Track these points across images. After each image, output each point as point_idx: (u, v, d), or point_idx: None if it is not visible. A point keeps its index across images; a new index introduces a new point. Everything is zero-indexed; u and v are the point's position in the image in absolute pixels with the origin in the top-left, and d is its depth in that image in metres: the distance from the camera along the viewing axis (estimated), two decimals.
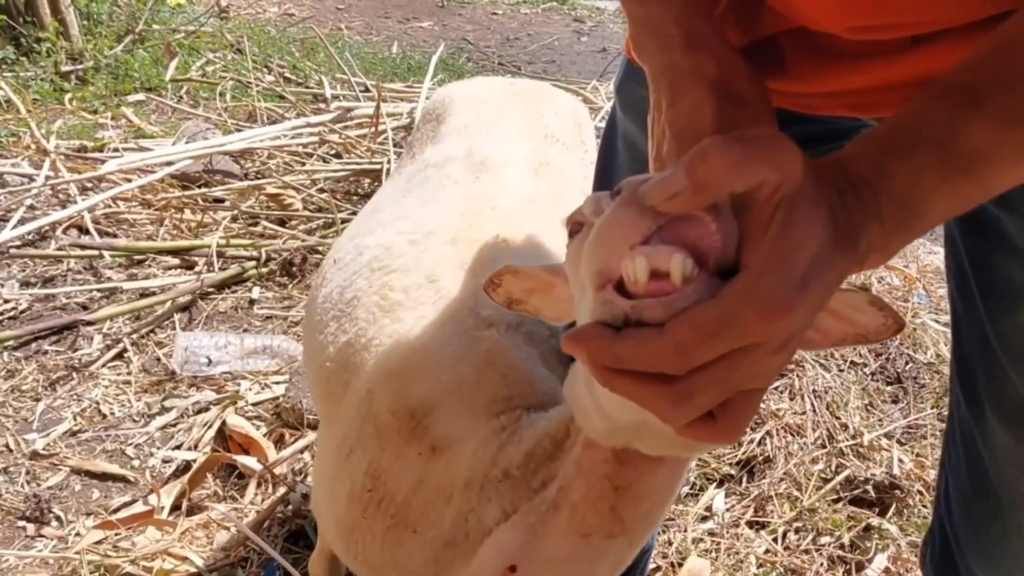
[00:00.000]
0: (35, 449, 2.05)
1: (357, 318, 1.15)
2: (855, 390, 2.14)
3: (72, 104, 3.80)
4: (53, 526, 1.87)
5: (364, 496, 0.99)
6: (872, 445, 1.97)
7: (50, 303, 2.57)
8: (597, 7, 7.36)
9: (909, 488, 1.88)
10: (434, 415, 0.96)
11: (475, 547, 0.91)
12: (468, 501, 0.92)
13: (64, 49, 4.10)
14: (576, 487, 0.81)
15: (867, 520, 1.80)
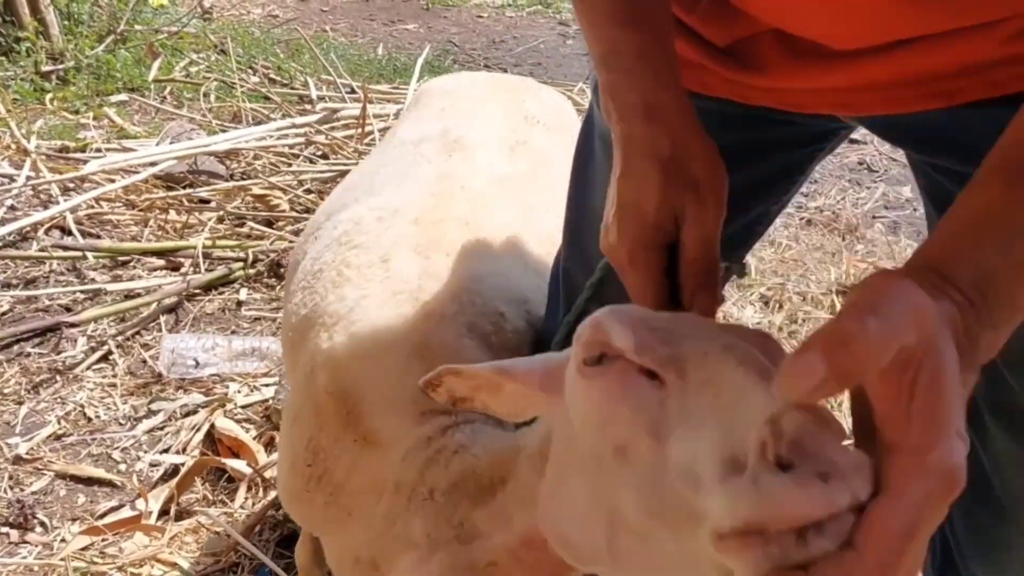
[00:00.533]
0: (18, 453, 2.01)
1: (315, 291, 1.14)
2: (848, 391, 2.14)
3: (53, 104, 3.75)
4: (37, 532, 1.83)
5: (305, 470, 0.98)
6: None
7: (32, 305, 2.52)
8: None
9: None
10: (364, 404, 0.95)
11: (400, 554, 0.88)
12: (396, 506, 0.90)
13: (44, 49, 4.04)
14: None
15: None
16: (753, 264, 2.80)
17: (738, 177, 0.91)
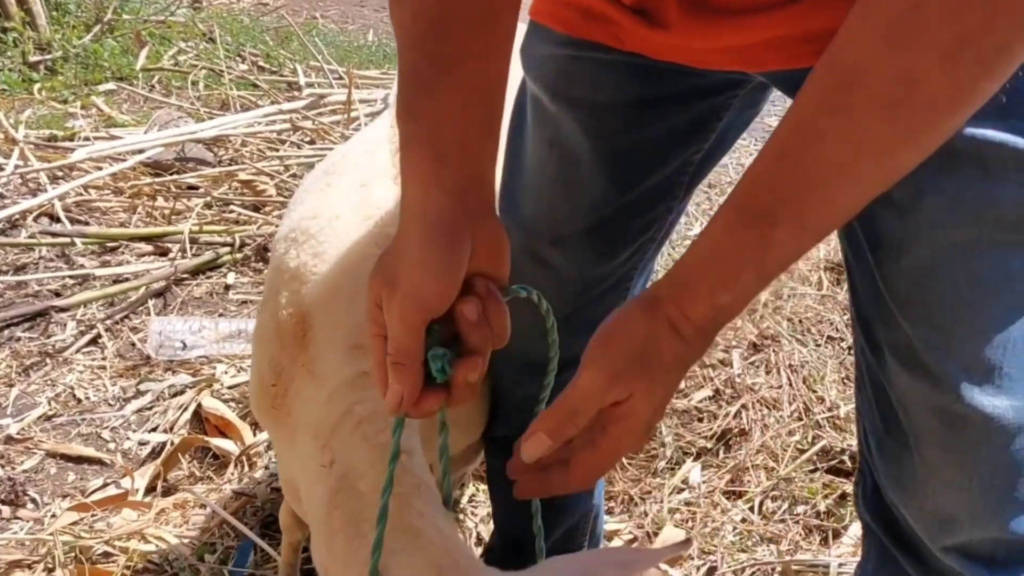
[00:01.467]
0: (9, 434, 2.06)
1: (295, 209, 1.17)
2: (832, 364, 2.18)
3: (41, 94, 3.79)
4: (28, 508, 1.89)
5: (270, 389, 1.02)
6: (848, 417, 2.00)
7: (22, 290, 2.57)
8: None
9: None
10: (313, 329, 0.97)
11: (311, 508, 0.93)
12: (317, 449, 0.92)
13: (32, 39, 4.08)
14: None
15: (843, 488, 1.84)
16: None
17: (657, 128, 0.96)
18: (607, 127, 1.01)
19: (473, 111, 0.74)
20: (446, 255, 0.74)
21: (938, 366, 0.85)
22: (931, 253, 0.84)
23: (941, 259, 0.83)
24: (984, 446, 0.86)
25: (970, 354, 0.84)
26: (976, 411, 0.84)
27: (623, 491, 1.86)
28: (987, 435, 0.86)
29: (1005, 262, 0.82)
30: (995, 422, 0.84)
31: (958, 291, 0.83)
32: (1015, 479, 0.88)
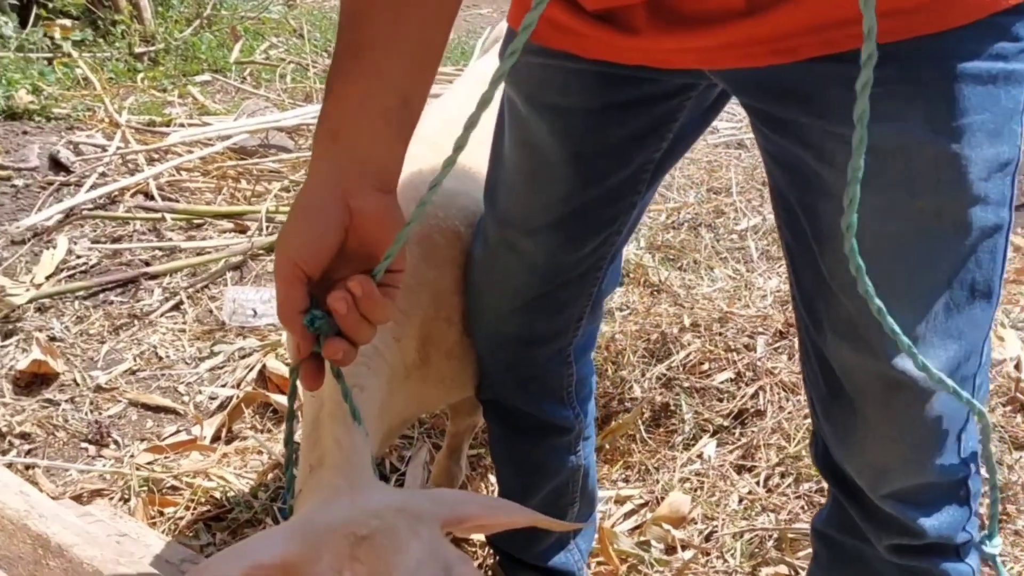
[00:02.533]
0: (98, 383, 2.34)
1: None
2: None
3: (143, 83, 4.14)
4: (111, 448, 2.15)
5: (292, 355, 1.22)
6: None
7: (117, 259, 2.87)
8: None
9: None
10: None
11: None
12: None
13: (138, 32, 4.45)
14: None
15: None
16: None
17: (619, 131, 1.11)
18: (573, 130, 1.13)
19: (372, 99, 0.85)
20: (314, 223, 0.85)
21: (874, 339, 0.98)
22: (867, 242, 0.98)
23: (876, 247, 0.95)
24: (912, 405, 1.00)
25: (900, 327, 0.98)
26: (906, 375, 0.98)
27: (640, 461, 2.02)
28: (914, 395, 0.99)
29: (930, 247, 0.95)
30: (919, 384, 0.98)
31: (891, 274, 0.96)
32: (935, 431, 1.02)
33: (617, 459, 2.06)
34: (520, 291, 1.26)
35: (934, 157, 0.90)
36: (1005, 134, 0.90)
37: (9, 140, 3.51)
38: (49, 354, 2.37)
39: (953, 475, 1.06)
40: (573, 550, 1.57)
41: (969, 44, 0.86)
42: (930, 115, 0.88)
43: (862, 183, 0.89)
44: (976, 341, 1.00)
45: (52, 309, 2.61)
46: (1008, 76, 0.88)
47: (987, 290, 0.97)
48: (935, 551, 1.10)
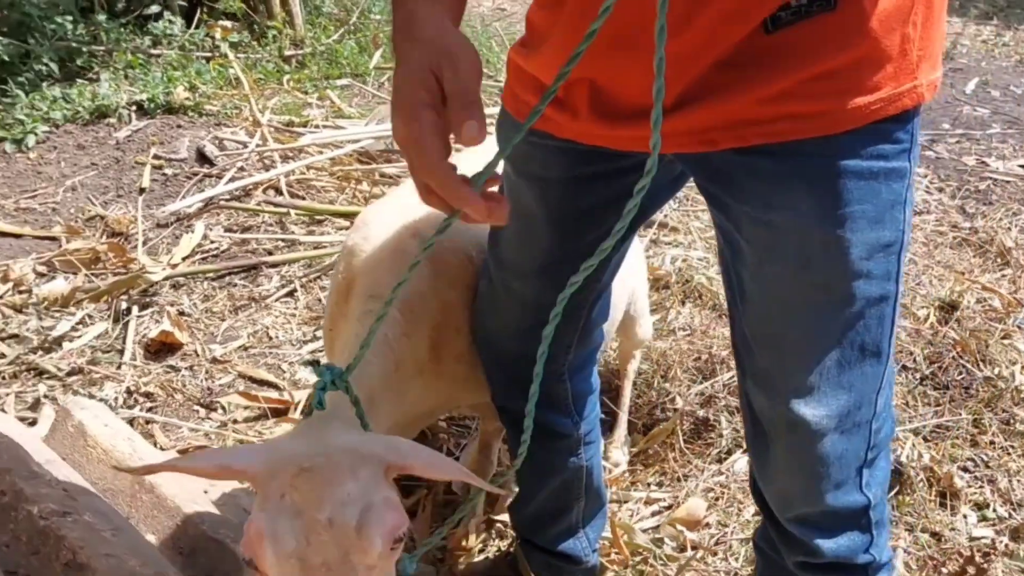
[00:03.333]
0: (215, 356, 2.70)
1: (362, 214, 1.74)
2: (898, 390, 2.39)
3: (288, 85, 4.56)
4: (218, 412, 2.50)
5: (329, 333, 1.49)
6: (896, 437, 2.22)
7: (244, 246, 3.26)
8: None
9: (913, 477, 2.14)
10: (355, 287, 1.43)
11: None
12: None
13: (288, 36, 4.89)
14: None
15: None
16: None
17: (591, 198, 1.30)
18: (552, 196, 1.32)
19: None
20: (426, 80, 0.94)
21: (779, 387, 1.20)
22: (772, 308, 1.19)
23: (777, 310, 1.18)
24: (808, 444, 1.20)
25: (799, 379, 1.18)
26: (802, 419, 1.18)
27: (674, 469, 2.20)
28: (809, 436, 1.19)
29: (821, 313, 1.15)
30: (813, 426, 1.18)
31: (788, 333, 1.18)
32: (828, 467, 1.21)
33: (653, 464, 2.25)
34: (514, 321, 1.48)
35: (822, 240, 1.09)
36: (887, 220, 1.09)
37: (165, 132, 3.99)
38: (177, 326, 2.75)
39: (851, 506, 1.24)
40: (581, 537, 1.78)
41: (854, 146, 1.05)
42: (818, 204, 1.07)
43: (771, 251, 1.09)
44: (867, 393, 1.19)
45: (184, 287, 3.01)
46: (888, 172, 1.07)
47: (876, 350, 1.16)
48: (837, 569, 1.28)
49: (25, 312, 2.87)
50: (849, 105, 1.03)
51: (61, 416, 1.94)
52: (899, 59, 1.04)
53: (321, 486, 0.93)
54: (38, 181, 3.68)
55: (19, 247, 3.26)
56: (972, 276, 3.12)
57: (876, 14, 1.01)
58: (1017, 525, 2.12)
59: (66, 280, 3.01)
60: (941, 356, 2.56)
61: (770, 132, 1.06)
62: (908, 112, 1.07)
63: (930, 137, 4.72)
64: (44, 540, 1.33)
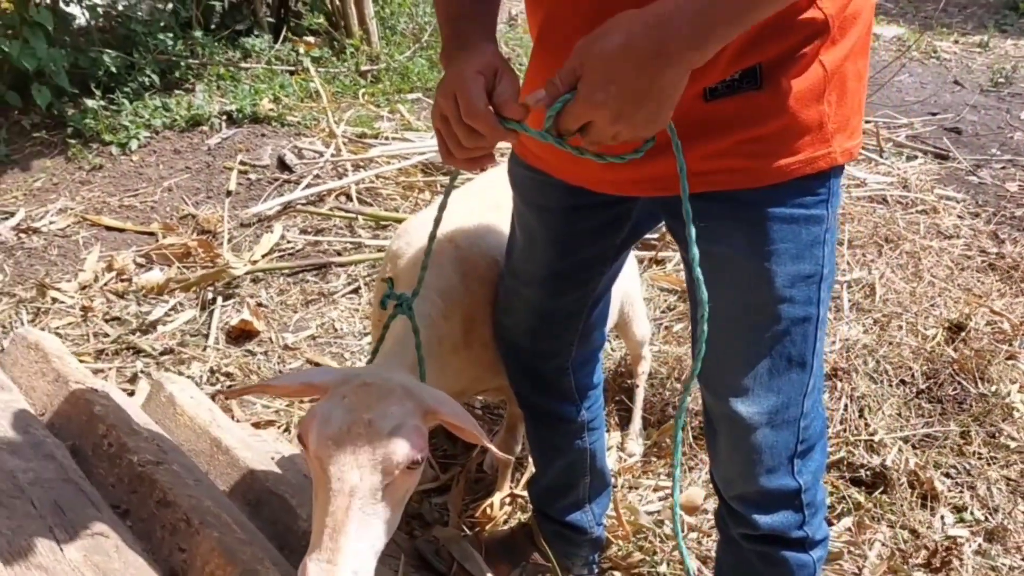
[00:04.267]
0: (287, 343, 3.11)
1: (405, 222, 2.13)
2: (892, 402, 2.66)
3: (363, 98, 4.98)
4: None
5: (375, 328, 1.86)
6: (883, 442, 2.50)
7: (316, 247, 3.67)
8: (873, 33, 7.63)
9: (896, 479, 2.41)
10: (398, 285, 1.78)
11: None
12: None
13: (365, 53, 5.31)
14: None
15: (847, 492, 2.38)
16: (881, 293, 3.30)
17: (585, 224, 1.60)
18: (551, 221, 1.61)
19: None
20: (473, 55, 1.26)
21: (720, 387, 1.49)
22: (719, 321, 1.43)
23: (723, 326, 1.43)
24: (744, 436, 1.49)
25: (736, 382, 1.47)
26: (739, 415, 1.47)
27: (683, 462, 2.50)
28: (745, 429, 1.48)
29: (755, 329, 1.43)
30: (747, 421, 1.46)
31: (731, 344, 1.46)
32: (761, 455, 1.49)
33: (665, 456, 2.57)
34: (525, 322, 1.82)
35: (752, 270, 1.39)
36: (806, 257, 1.38)
37: (250, 141, 4.44)
38: (255, 316, 3.17)
39: (783, 489, 1.51)
40: (587, 511, 2.11)
41: (779, 196, 1.35)
42: (750, 242, 1.37)
43: (716, 276, 1.40)
44: (794, 396, 1.46)
45: (263, 281, 3.43)
46: (808, 218, 1.36)
47: (801, 361, 1.44)
48: (774, 542, 1.56)
49: (126, 298, 3.32)
50: (774, 164, 1.33)
51: (155, 388, 2.35)
52: (816, 130, 1.33)
53: (374, 397, 1.27)
54: (139, 181, 4.17)
55: (122, 240, 3.74)
56: (989, 300, 3.35)
57: (793, 94, 1.30)
58: (992, 528, 2.37)
59: (161, 271, 3.46)
60: (938, 373, 2.81)
61: (712, 182, 1.37)
62: (825, 172, 1.36)
63: (975, 162, 4.88)
64: (141, 482, 1.71)
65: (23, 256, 3.64)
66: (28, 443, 1.76)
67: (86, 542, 1.46)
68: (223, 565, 1.49)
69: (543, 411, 1.97)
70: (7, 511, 1.42)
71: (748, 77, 1.28)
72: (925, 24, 8.17)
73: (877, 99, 5.93)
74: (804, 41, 1.29)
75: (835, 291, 3.34)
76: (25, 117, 4.64)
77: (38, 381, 2.09)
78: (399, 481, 1.28)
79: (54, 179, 4.23)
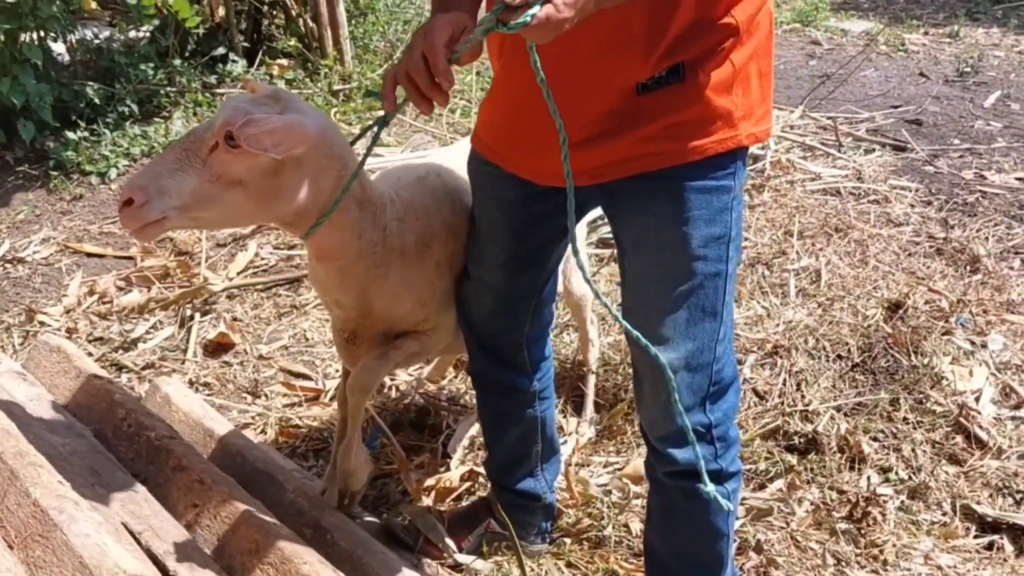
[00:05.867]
0: (261, 353, 3.38)
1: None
2: (829, 375, 2.92)
3: (335, 116, 5.27)
4: (261, 398, 3.17)
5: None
6: (816, 411, 2.76)
7: (289, 262, 3.95)
8: (841, 29, 7.91)
9: (826, 444, 2.68)
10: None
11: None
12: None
13: (338, 72, 5.61)
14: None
15: (782, 458, 2.64)
16: (826, 278, 3.57)
17: (536, 210, 1.88)
18: (507, 210, 1.93)
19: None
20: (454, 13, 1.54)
21: (641, 340, 1.74)
22: (641, 282, 1.78)
23: (647, 280, 1.77)
24: (662, 380, 1.72)
25: (656, 331, 1.74)
26: (659, 361, 1.70)
27: (630, 440, 2.78)
28: (661, 375, 1.71)
29: (675, 283, 1.72)
30: (667, 366, 1.70)
31: (654, 298, 1.76)
32: (679, 395, 1.71)
33: (616, 435, 2.84)
34: (486, 305, 2.12)
35: (672, 234, 1.69)
36: (717, 221, 1.69)
37: None
38: (231, 330, 3.44)
39: (699, 425, 1.76)
40: (540, 478, 2.36)
41: (696, 171, 1.67)
42: (672, 210, 1.68)
43: (640, 244, 1.69)
44: (708, 343, 1.75)
45: (238, 297, 3.71)
46: (718, 188, 1.68)
47: (713, 311, 1.74)
48: (692, 476, 1.78)
49: (108, 319, 3.60)
50: (691, 144, 1.66)
51: (152, 389, 2.69)
52: (726, 117, 1.67)
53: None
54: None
55: (102, 265, 4.02)
56: (930, 281, 3.60)
57: (709, 86, 1.64)
58: (915, 486, 2.63)
59: (141, 292, 3.74)
60: (872, 347, 3.08)
61: (645, 164, 1.69)
62: (733, 151, 1.69)
63: (933, 152, 5.13)
64: (158, 454, 2.06)
65: (8, 285, 3.92)
66: (62, 424, 2.12)
67: (120, 494, 1.84)
68: (234, 514, 1.82)
69: (500, 384, 2.25)
70: (60, 470, 1.77)
71: (673, 73, 1.63)
72: (895, 17, 8.46)
73: (840, 95, 6.21)
74: (719, 42, 1.64)
75: (782, 278, 3.61)
76: (9, 152, 4.93)
77: (61, 379, 2.44)
78: (222, 155, 1.64)
79: (36, 211, 4.52)
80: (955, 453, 2.72)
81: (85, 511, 1.62)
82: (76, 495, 1.67)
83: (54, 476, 1.70)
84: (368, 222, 1.92)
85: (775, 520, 2.49)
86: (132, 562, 1.51)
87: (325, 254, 1.91)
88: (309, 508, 2.05)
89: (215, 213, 1.71)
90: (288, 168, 1.71)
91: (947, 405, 2.84)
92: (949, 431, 2.77)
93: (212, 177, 1.64)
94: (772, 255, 3.78)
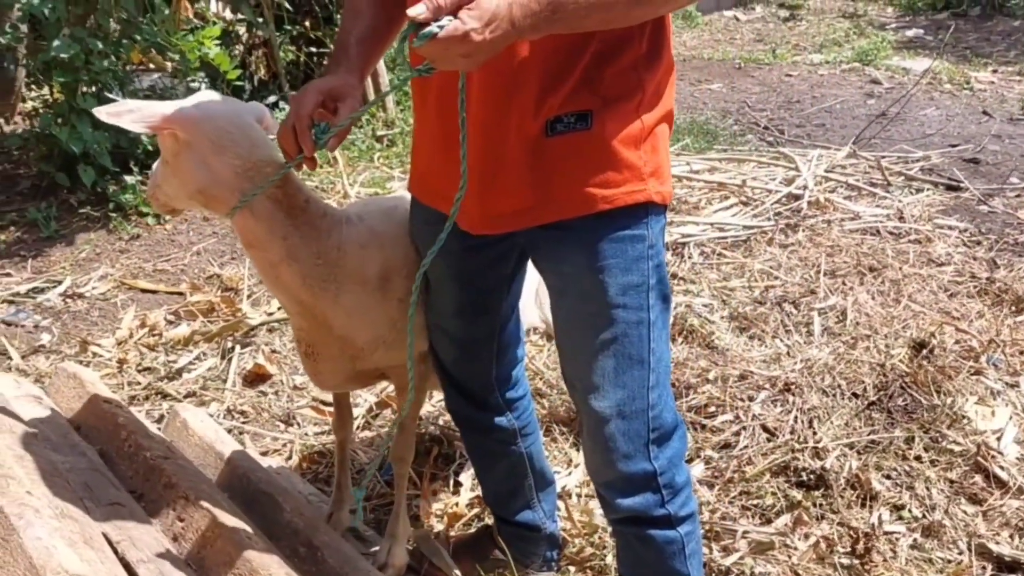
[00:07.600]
0: (295, 384, 3.65)
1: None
2: (841, 413, 3.06)
3: (378, 161, 5.60)
4: (294, 427, 3.44)
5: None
6: (826, 448, 2.91)
7: None
8: (903, 67, 8.02)
9: (836, 481, 2.80)
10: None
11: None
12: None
13: (381, 119, 5.95)
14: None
15: (788, 493, 2.79)
16: (853, 317, 3.71)
17: (477, 260, 1.97)
18: (451, 261, 1.92)
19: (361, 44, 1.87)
20: (330, 78, 1.77)
21: (578, 386, 1.89)
22: (567, 331, 1.89)
23: (572, 331, 1.87)
24: (600, 427, 1.80)
25: (588, 381, 1.85)
26: (593, 409, 1.80)
27: None
28: (599, 421, 1.80)
29: (599, 332, 1.78)
30: (600, 414, 1.79)
31: (581, 347, 1.82)
32: (616, 443, 1.81)
33: None
34: (448, 351, 2.20)
35: (590, 283, 1.77)
36: (634, 269, 1.76)
37: None
38: (268, 361, 3.73)
39: (640, 473, 1.82)
40: (537, 509, 2.52)
41: (609, 220, 1.75)
42: (587, 259, 1.76)
43: (564, 293, 1.87)
44: (638, 390, 1.80)
45: (277, 330, 4.01)
46: (632, 237, 1.77)
47: (640, 359, 1.79)
48: (638, 522, 1.87)
49: (156, 350, 3.93)
50: (600, 194, 1.72)
51: (171, 415, 2.94)
52: (635, 169, 1.73)
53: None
54: (172, 248, 4.83)
55: (154, 300, 4.37)
56: (966, 322, 3.71)
57: (617, 138, 1.72)
58: (929, 524, 2.74)
59: (188, 325, 4.06)
60: (888, 385, 3.20)
61: (554, 212, 1.76)
62: (644, 204, 1.75)
63: (989, 191, 5.22)
64: (152, 472, 2.26)
65: (69, 318, 4.29)
66: (66, 444, 2.35)
67: (106, 508, 2.03)
68: (212, 527, 2.03)
69: (477, 423, 2.37)
70: (51, 486, 1.98)
71: (581, 119, 1.70)
72: (962, 56, 8.54)
73: (896, 133, 6.34)
74: (626, 95, 1.73)
75: (808, 317, 3.77)
76: (72, 195, 5.36)
77: (76, 403, 2.69)
78: (166, 139, 1.96)
79: (97, 249, 4.91)
80: (974, 492, 2.82)
81: (45, 518, 1.80)
82: (40, 504, 1.85)
83: (22, 487, 1.89)
84: (298, 229, 2.03)
85: (778, 554, 2.63)
86: (77, 564, 1.69)
87: (248, 241, 2.07)
88: (304, 527, 2.26)
89: (170, 189, 2.10)
90: (183, 150, 1.98)
91: (965, 444, 2.94)
92: (967, 470, 2.87)
93: (162, 159, 2.07)
94: (800, 294, 3.94)
